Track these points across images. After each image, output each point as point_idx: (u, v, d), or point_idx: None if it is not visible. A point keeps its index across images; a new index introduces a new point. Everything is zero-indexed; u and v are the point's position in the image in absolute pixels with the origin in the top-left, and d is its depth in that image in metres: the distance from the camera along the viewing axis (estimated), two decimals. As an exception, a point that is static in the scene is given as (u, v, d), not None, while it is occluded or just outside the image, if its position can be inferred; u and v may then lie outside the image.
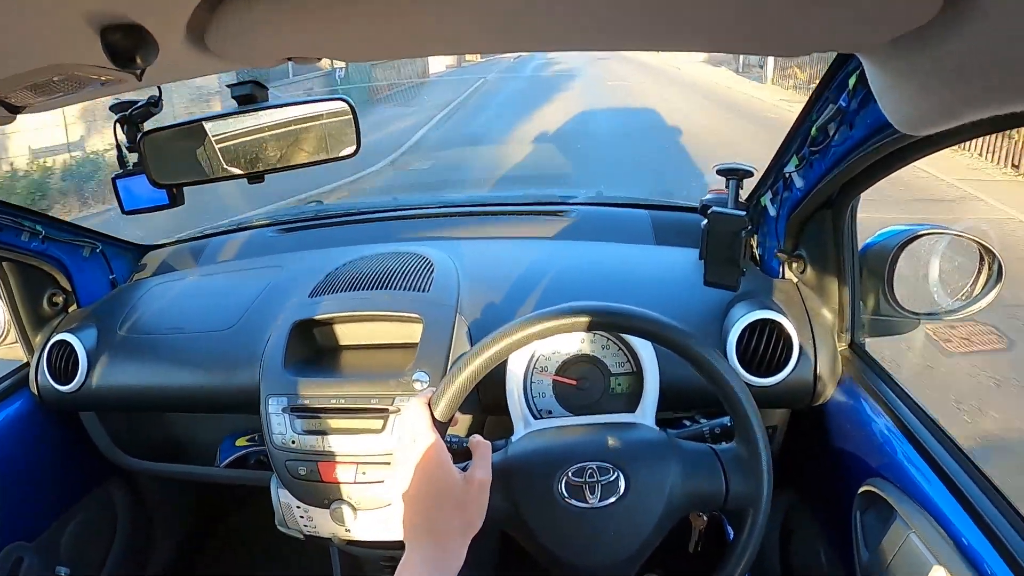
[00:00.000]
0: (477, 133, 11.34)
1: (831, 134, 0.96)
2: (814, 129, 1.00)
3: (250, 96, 0.89)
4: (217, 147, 0.93)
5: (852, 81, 0.86)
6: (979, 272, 1.17)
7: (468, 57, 28.76)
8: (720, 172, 1.22)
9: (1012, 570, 0.79)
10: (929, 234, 1.17)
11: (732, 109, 12.95)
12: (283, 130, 0.93)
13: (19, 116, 0.67)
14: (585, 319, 0.81)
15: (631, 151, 9.32)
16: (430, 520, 0.74)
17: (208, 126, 0.93)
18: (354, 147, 0.93)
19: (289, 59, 0.58)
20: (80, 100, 0.72)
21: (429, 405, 0.80)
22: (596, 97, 14.85)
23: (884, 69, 0.60)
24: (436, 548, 0.74)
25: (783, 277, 1.29)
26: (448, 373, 0.81)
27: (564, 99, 14.66)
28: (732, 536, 0.86)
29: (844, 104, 0.89)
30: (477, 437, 0.82)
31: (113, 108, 0.98)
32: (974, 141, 7.53)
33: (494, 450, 0.86)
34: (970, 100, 0.52)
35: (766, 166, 1.24)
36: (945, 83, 0.52)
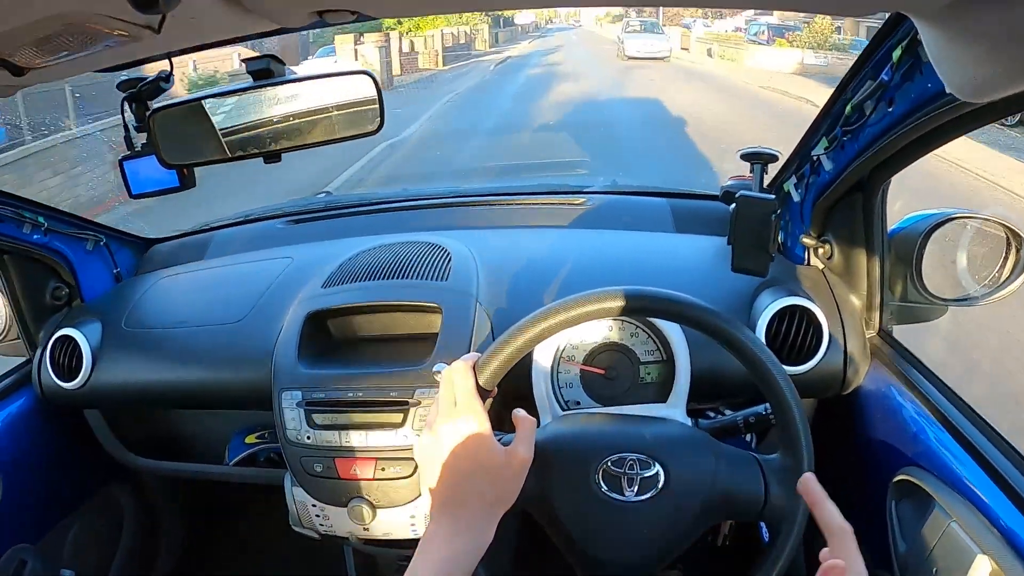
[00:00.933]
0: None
1: (868, 112, 0.93)
2: (848, 107, 0.97)
3: (267, 71, 0.85)
4: (231, 125, 0.89)
5: (897, 53, 0.82)
6: (1007, 257, 1.14)
7: (424, 64, 22.01)
8: (744, 157, 1.19)
9: None
10: (957, 219, 1.14)
11: None
12: (301, 106, 0.89)
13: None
14: (647, 303, 0.78)
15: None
16: (462, 491, 0.71)
17: (222, 102, 0.89)
18: (377, 123, 0.90)
19: (320, 16, 0.54)
20: (90, 66, 0.68)
21: (474, 369, 0.75)
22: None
23: (944, 32, 0.56)
24: (464, 522, 0.70)
25: (808, 264, 1.26)
26: (499, 339, 0.77)
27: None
28: (766, 534, 0.82)
29: (886, 78, 0.86)
30: (523, 412, 0.77)
31: (120, 86, 0.94)
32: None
33: None
34: None
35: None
36: (1017, 42, 0.49)
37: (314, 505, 1.17)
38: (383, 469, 1.10)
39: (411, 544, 1.15)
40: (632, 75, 15.51)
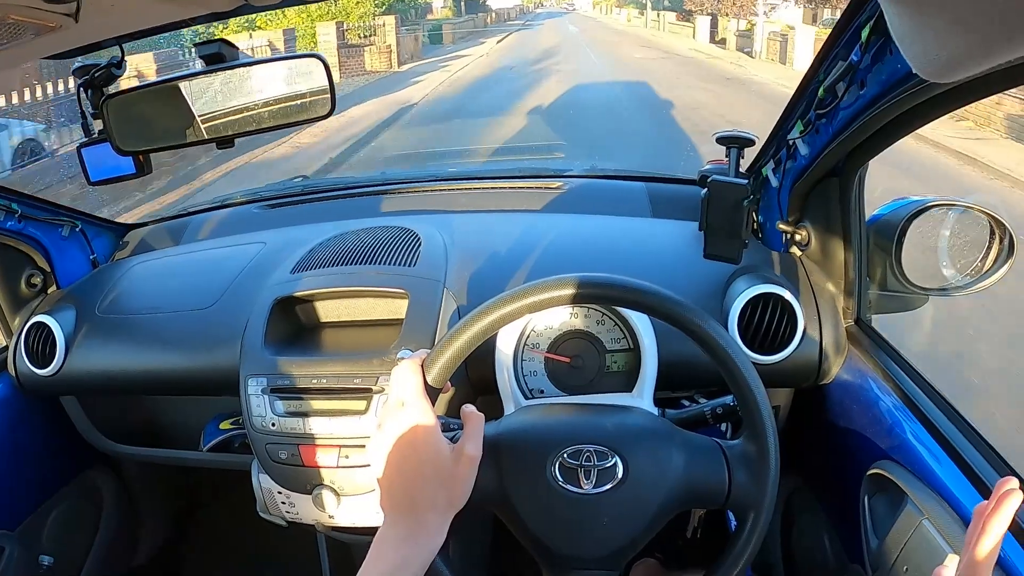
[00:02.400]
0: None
1: (840, 94, 0.90)
2: (821, 90, 0.94)
3: (218, 55, 0.83)
4: (184, 110, 0.87)
5: (865, 33, 0.79)
6: (989, 246, 1.12)
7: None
8: (720, 140, 1.17)
9: None
10: (939, 206, 1.12)
11: None
12: (253, 91, 0.87)
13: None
14: (596, 291, 0.75)
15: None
16: (411, 493, 0.69)
17: (174, 88, 0.87)
18: (328, 107, 0.88)
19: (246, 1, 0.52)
20: (24, 57, 0.66)
21: (422, 368, 0.73)
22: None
23: (906, 7, 0.54)
24: (415, 523, 0.69)
25: (786, 250, 1.24)
26: (446, 335, 0.75)
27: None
28: (734, 524, 0.81)
29: (855, 59, 0.83)
30: (471, 408, 0.75)
31: (76, 72, 0.93)
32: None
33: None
34: (1012, 34, 0.46)
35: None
36: (983, 16, 0.46)
37: (280, 492, 1.17)
38: (346, 457, 1.09)
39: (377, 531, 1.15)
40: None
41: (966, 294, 1.15)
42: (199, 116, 0.88)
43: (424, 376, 0.73)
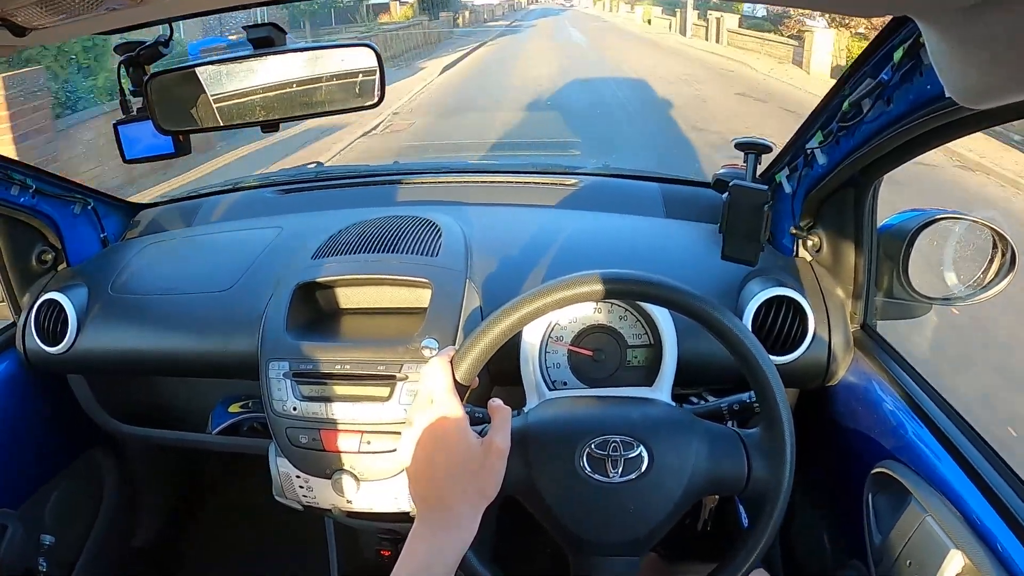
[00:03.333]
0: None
1: (865, 110, 0.94)
2: (846, 104, 0.97)
3: (267, 39, 0.84)
4: (230, 92, 0.88)
5: (899, 54, 0.83)
6: (992, 259, 1.16)
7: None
8: (739, 146, 1.20)
9: None
10: (946, 219, 1.16)
11: None
12: (301, 76, 0.88)
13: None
14: (623, 287, 0.78)
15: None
16: (442, 488, 0.72)
17: (221, 69, 0.88)
18: (377, 96, 0.89)
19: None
20: (92, 28, 0.67)
21: (451, 364, 0.76)
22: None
23: (950, 36, 0.57)
24: (447, 516, 0.71)
25: (797, 255, 1.27)
26: (474, 332, 0.77)
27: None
28: (745, 518, 0.83)
29: (886, 78, 0.86)
30: (497, 402, 0.78)
31: (118, 49, 0.93)
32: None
33: None
34: None
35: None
36: (1021, 50, 0.49)
37: (298, 476, 1.18)
38: (368, 442, 1.11)
39: (393, 517, 1.17)
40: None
41: (967, 305, 1.19)
42: (244, 98, 0.89)
43: (453, 373, 0.76)
